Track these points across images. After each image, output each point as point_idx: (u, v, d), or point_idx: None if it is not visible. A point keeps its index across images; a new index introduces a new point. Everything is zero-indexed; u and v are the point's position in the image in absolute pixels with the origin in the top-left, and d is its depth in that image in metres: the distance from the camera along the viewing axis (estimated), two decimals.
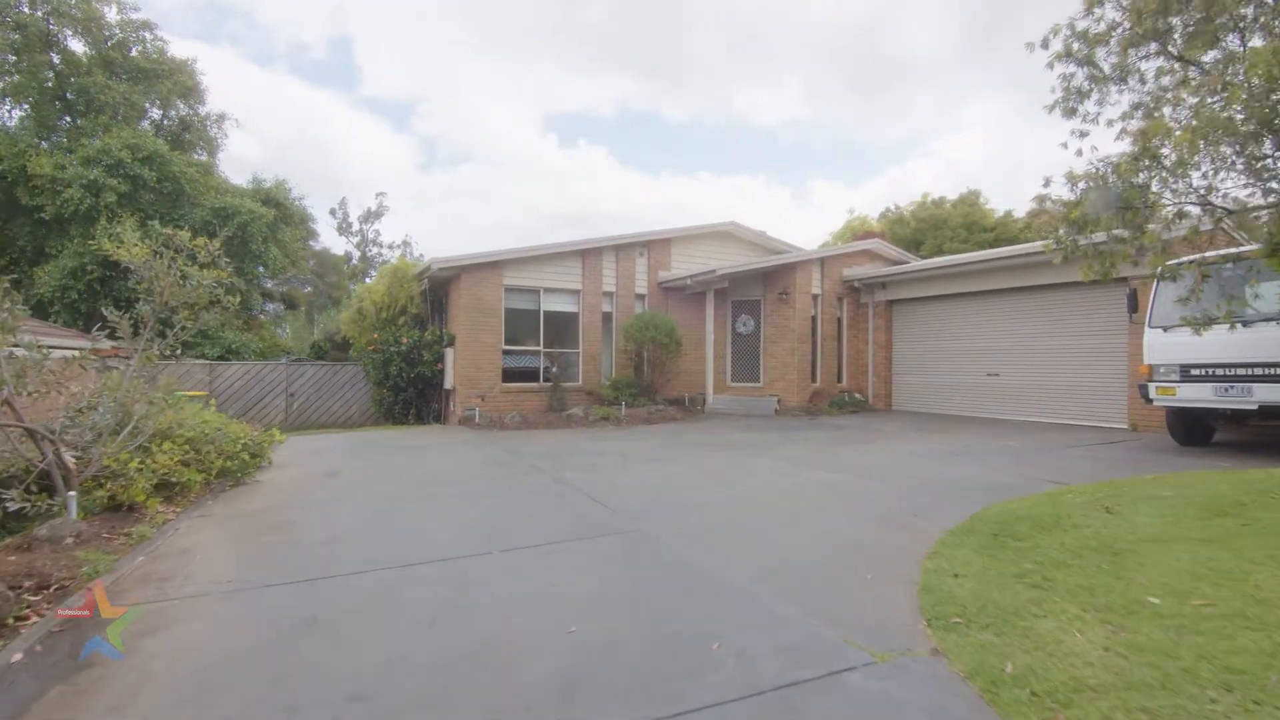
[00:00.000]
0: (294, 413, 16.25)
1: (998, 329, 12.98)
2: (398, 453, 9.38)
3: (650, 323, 13.39)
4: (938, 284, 13.91)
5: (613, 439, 10.37)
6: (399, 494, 6.47)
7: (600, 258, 14.57)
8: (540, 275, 13.95)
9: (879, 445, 9.33)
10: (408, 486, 6.82)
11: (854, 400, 14.94)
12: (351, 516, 5.60)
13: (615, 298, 14.78)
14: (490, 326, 13.33)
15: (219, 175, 20.73)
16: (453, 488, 6.77)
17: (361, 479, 7.35)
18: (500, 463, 8.24)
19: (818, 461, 7.95)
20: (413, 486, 6.82)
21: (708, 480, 6.96)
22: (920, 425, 11.81)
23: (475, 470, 7.74)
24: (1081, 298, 11.62)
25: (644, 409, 13.23)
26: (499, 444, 9.99)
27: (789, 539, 4.70)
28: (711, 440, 10.10)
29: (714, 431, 11.27)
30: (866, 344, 15.57)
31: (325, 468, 8.02)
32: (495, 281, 13.43)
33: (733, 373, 15.29)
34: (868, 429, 11.34)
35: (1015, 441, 9.56)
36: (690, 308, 15.49)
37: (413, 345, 13.69)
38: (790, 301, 14.44)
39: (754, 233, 16.48)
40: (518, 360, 14.12)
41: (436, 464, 8.28)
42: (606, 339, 14.83)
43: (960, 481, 6.58)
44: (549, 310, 14.13)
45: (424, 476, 7.44)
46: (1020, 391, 12.52)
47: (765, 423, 12.47)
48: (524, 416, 12.60)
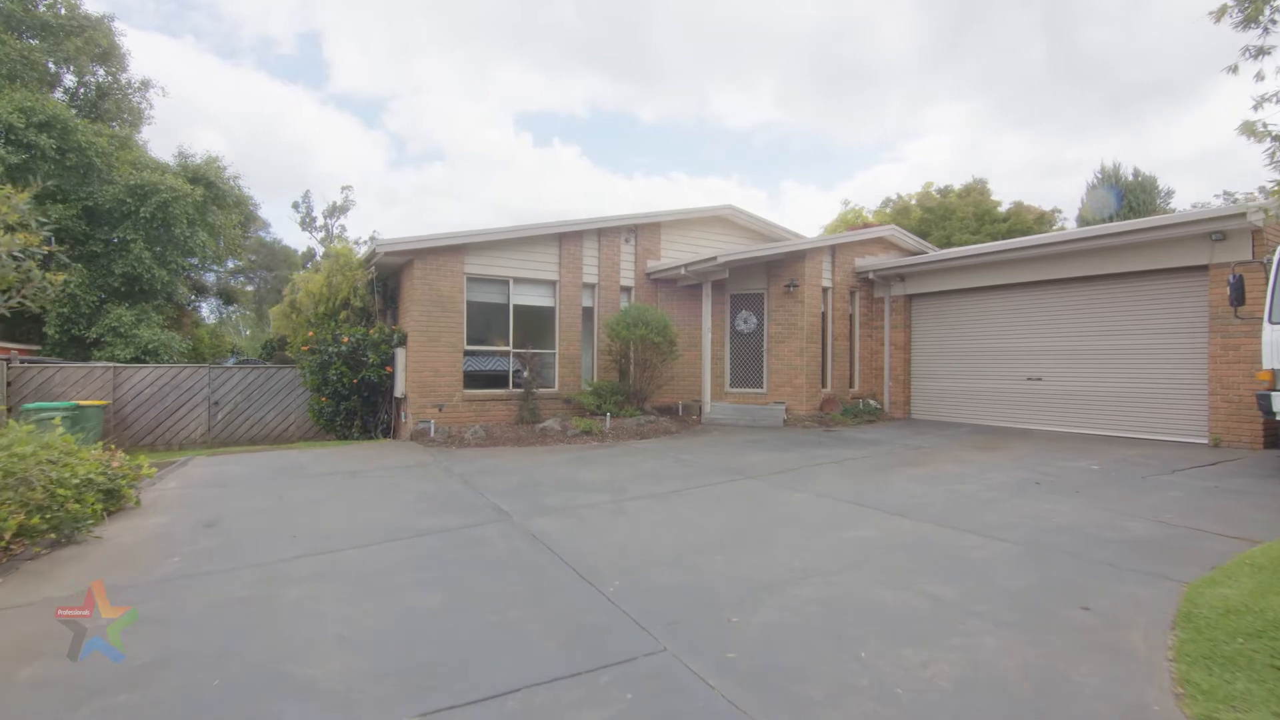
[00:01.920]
0: (218, 425, 13.87)
1: (1040, 327, 11.27)
2: (319, 484, 7.22)
3: (640, 318, 11.41)
4: (967, 275, 12.16)
5: (598, 462, 8.35)
6: (288, 567, 4.36)
7: (580, 243, 12.53)
8: (510, 263, 11.85)
9: (933, 470, 7.47)
10: (308, 550, 4.70)
11: (869, 409, 13.13)
12: (183, 634, 3.46)
13: (597, 290, 12.76)
14: (449, 323, 11.21)
15: (141, 149, 18.09)
16: (375, 554, 4.67)
17: (246, 534, 5.20)
18: (451, 503, 6.16)
19: (872, 498, 6.04)
20: (315, 551, 4.70)
21: (739, 536, 4.97)
22: (959, 439, 10.02)
23: (413, 519, 5.64)
24: (1148, 289, 9.94)
25: (632, 420, 11.23)
26: (455, 469, 7.89)
27: (914, 682, 2.74)
28: (721, 463, 8.14)
29: (720, 449, 9.31)
30: (882, 344, 13.78)
31: (208, 513, 5.84)
32: (455, 270, 11.30)
33: (732, 377, 13.37)
34: (902, 445, 9.50)
35: (1091, 463, 7.79)
36: (683, 302, 13.53)
37: (356, 345, 11.48)
38: (799, 295, 12.57)
39: (753, 218, 14.59)
40: (483, 363, 12.00)
41: (362, 508, 6.16)
42: (587, 338, 12.80)
43: (1086, 533, 4.73)
44: (520, 304, 12.04)
45: (339, 530, 5.32)
46: (1068, 399, 10.82)
47: (776, 437, 10.57)
48: (489, 431, 10.50)
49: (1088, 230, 9.97)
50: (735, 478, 7.16)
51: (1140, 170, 21.52)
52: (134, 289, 16.25)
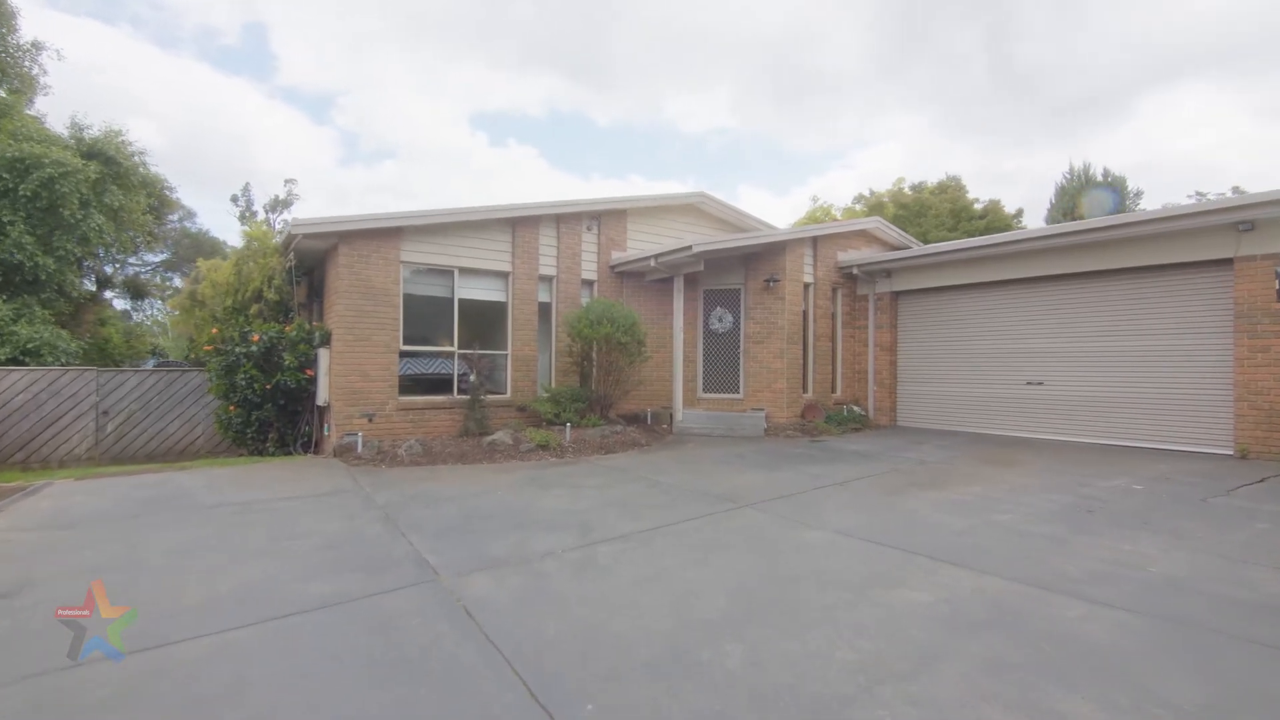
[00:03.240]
0: (108, 439, 11.85)
1: (1042, 327, 10.35)
2: (197, 524, 5.58)
3: (604, 315, 10.01)
4: (961, 271, 11.19)
5: (557, 485, 6.91)
6: (69, 686, 2.80)
7: (536, 231, 11.06)
8: (455, 251, 10.30)
9: (955, 494, 6.31)
10: (127, 646, 3.14)
11: (854, 416, 12.05)
12: None
13: (556, 284, 11.31)
14: (382, 319, 9.59)
15: (31, 120, 15.70)
16: (218, 657, 3.15)
17: (43, 620, 3.58)
18: (360, 553, 4.64)
19: (902, 535, 4.80)
20: (136, 647, 3.14)
21: (754, 604, 3.63)
22: (963, 452, 8.95)
23: (300, 581, 4.11)
24: (1164, 285, 9.08)
25: (595, 430, 9.82)
26: (379, 497, 6.34)
27: None
28: (705, 486, 6.82)
29: (700, 467, 8.00)
30: (866, 346, 12.73)
31: (10, 576, 4.18)
32: (390, 257, 9.69)
33: (706, 381, 12.10)
34: (903, 460, 8.36)
35: (1128, 481, 6.78)
36: (652, 298, 12.20)
37: (269, 344, 9.74)
38: (779, 291, 11.40)
39: (727, 208, 13.37)
40: (422, 365, 10.41)
41: (237, 564, 4.56)
42: (544, 338, 11.34)
43: (1210, 592, 3.59)
44: (467, 298, 10.51)
45: (188, 604, 3.76)
46: (1073, 405, 9.91)
47: (759, 450, 9.32)
48: (427, 445, 8.93)
49: (1100, 221, 9.06)
50: (726, 506, 5.83)
51: (1110, 170, 21.29)
52: (13, 279, 13.96)
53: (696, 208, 13.16)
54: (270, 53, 67.83)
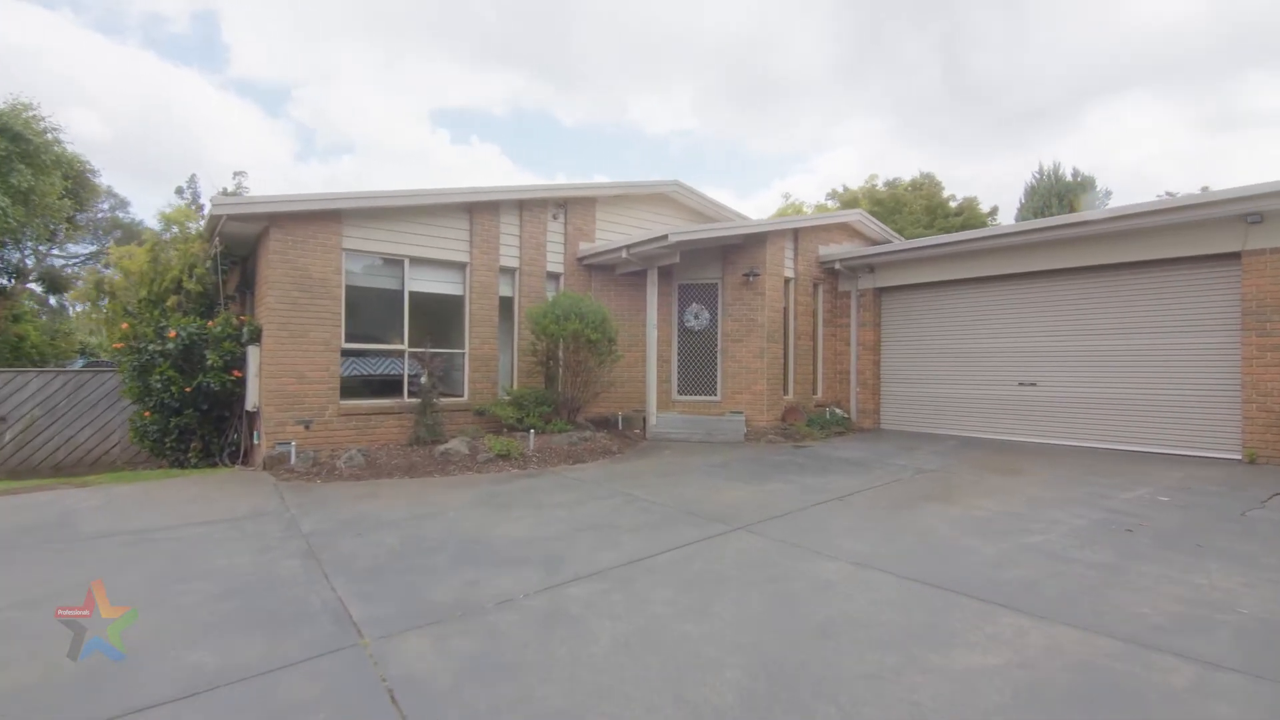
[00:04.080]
0: (7, 449, 10.43)
1: (1034, 325, 9.84)
2: (77, 559, 4.49)
3: (572, 310, 9.11)
4: (948, 266, 10.63)
5: (518, 504, 6.00)
6: None
7: (497, 218, 10.08)
8: (406, 237, 9.27)
9: (970, 510, 5.62)
10: None
11: (836, 419, 11.40)
12: None
13: (518, 276, 10.35)
14: (321, 313, 8.51)
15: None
16: None
17: None
18: (267, 601, 3.66)
19: (930, 564, 4.05)
20: None
21: (777, 675, 2.80)
22: (960, 458, 8.34)
23: (179, 646, 3.13)
24: (1165, 280, 8.62)
25: (562, 437, 8.91)
26: (305, 522, 5.32)
27: None
28: (690, 502, 5.99)
29: (680, 478, 7.17)
30: (848, 345, 12.10)
31: None
32: (330, 243, 8.62)
33: (681, 382, 11.29)
34: (900, 468, 7.69)
35: (1149, 491, 6.21)
36: (623, 293, 11.34)
37: (190, 341, 8.55)
38: (759, 286, 10.67)
39: (703, 198, 12.59)
40: (369, 365, 9.36)
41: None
42: (506, 335, 10.37)
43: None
44: (419, 291, 9.48)
45: (8, 687, 2.76)
46: (1067, 407, 9.41)
47: (742, 457, 8.54)
48: (371, 456, 7.90)
49: (1100, 213, 8.57)
50: (719, 529, 5.01)
51: (1080, 170, 21.29)
52: None
53: (669, 197, 12.35)
54: (222, 43, 65.02)
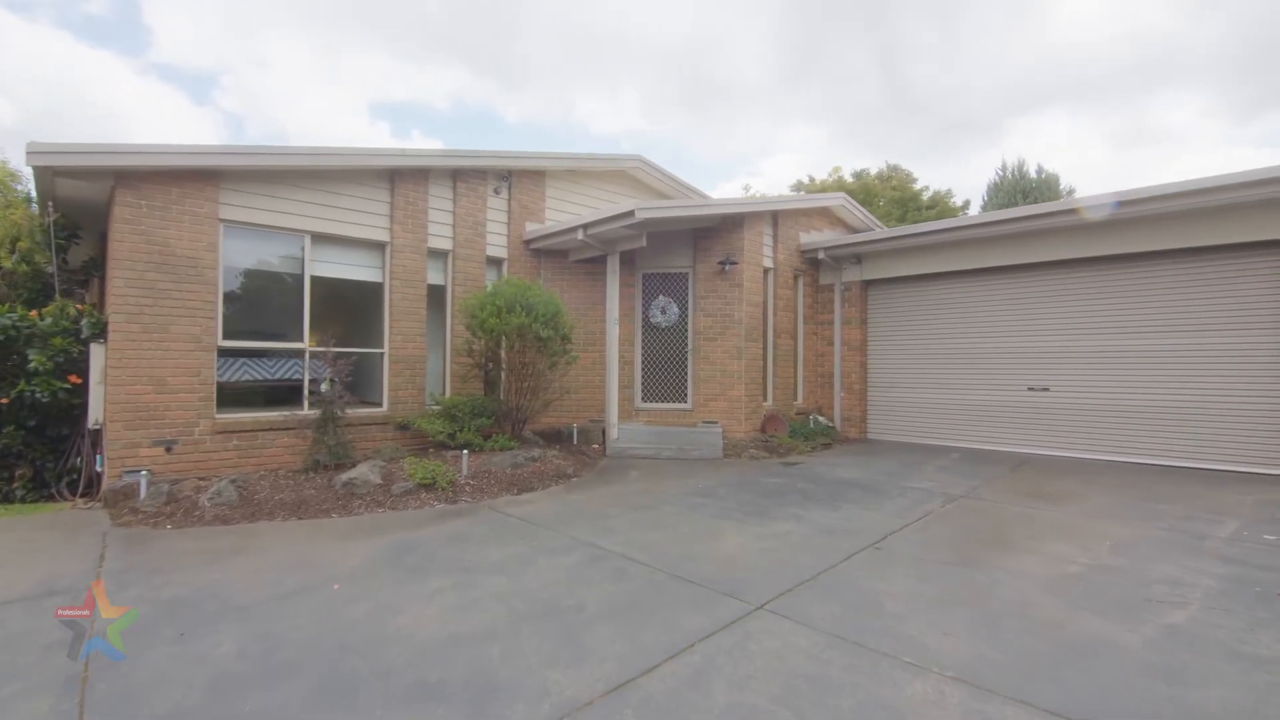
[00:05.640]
0: None
1: (1046, 322, 8.74)
2: None
3: (518, 300, 7.43)
4: (947, 255, 9.44)
5: (439, 569, 4.29)
6: None
7: (425, 188, 8.30)
8: (307, 208, 7.39)
9: (1048, 560, 4.27)
10: None
11: (821, 428, 10.07)
12: None
13: (452, 261, 8.59)
14: (191, 302, 6.57)
15: None
16: None
17: None
18: None
19: (1069, 685, 2.61)
20: None
21: None
22: (978, 476, 7.08)
23: None
24: (1196, 271, 7.60)
25: (505, 457, 7.20)
26: (103, 611, 3.47)
27: None
28: (679, 558, 4.42)
29: (658, 515, 5.60)
30: (831, 345, 10.81)
31: None
32: (203, 212, 6.68)
33: (646, 388, 9.73)
34: (918, 493, 6.34)
35: (1244, 524, 5.03)
36: (578, 283, 9.70)
37: (3, 337, 6.44)
38: (735, 276, 9.23)
39: (669, 178, 11.08)
40: (258, 369, 7.46)
41: None
42: (436, 331, 8.60)
43: None
44: (325, 276, 7.62)
45: None
46: (1086, 416, 8.33)
47: (726, 480, 7.05)
48: (247, 490, 6.02)
49: (1133, 192, 7.45)
50: (732, 609, 3.46)
51: (1044, 167, 20.87)
52: None
53: (630, 175, 10.78)
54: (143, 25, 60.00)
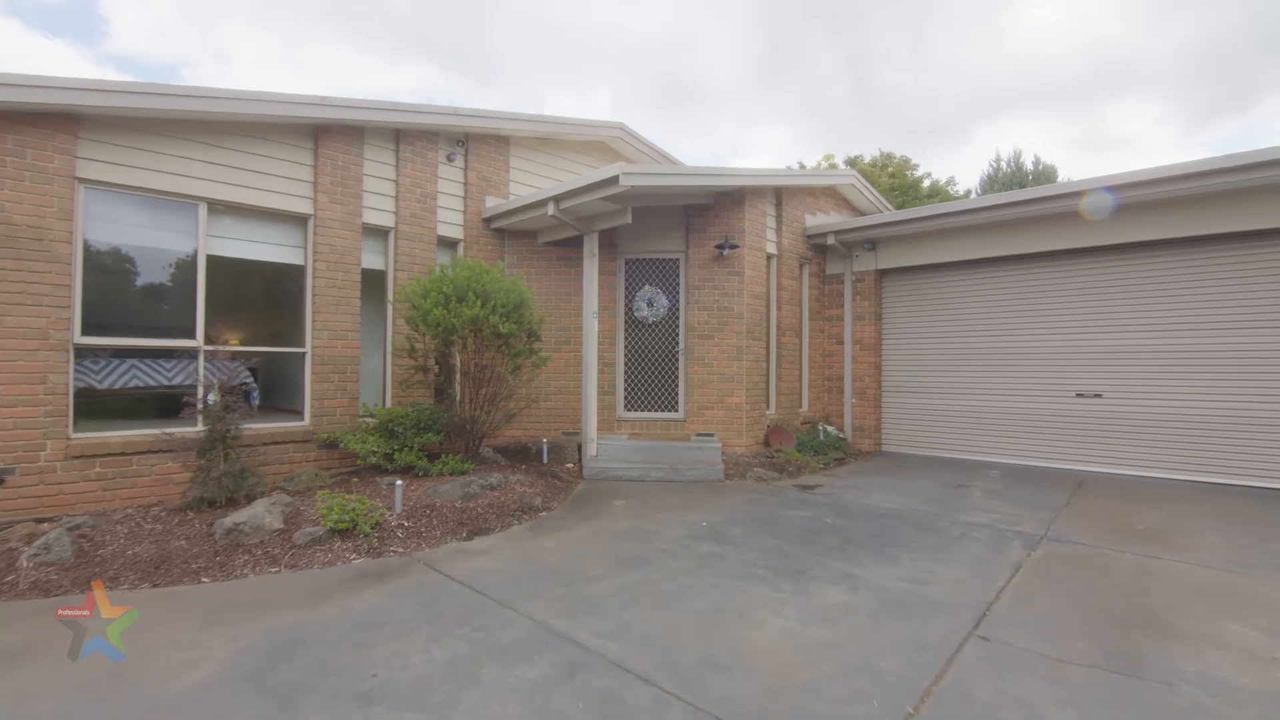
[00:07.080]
0: None
1: (1097, 317, 7.51)
2: None
3: (471, 286, 5.93)
4: (978, 239, 8.17)
5: (318, 705, 2.78)
6: None
7: (360, 149, 6.74)
8: (203, 169, 5.79)
9: (1226, 648, 2.92)
10: None
11: (832, 440, 8.73)
12: None
13: (394, 240, 7.04)
14: (34, 286, 4.95)
15: None
16: None
17: None
18: None
19: None
20: None
21: None
22: (1044, 503, 5.77)
23: None
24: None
25: (455, 484, 5.68)
26: None
27: None
28: (695, 671, 2.98)
29: (653, 572, 4.14)
30: (840, 343, 9.48)
31: None
32: (52, 168, 5.06)
33: (629, 394, 8.28)
34: (987, 532, 4.99)
35: None
36: (548, 269, 8.21)
37: None
38: (735, 263, 7.85)
39: (652, 150, 9.65)
40: (138, 373, 5.84)
41: None
42: (374, 326, 7.05)
43: None
44: (225, 256, 6.02)
45: None
46: (1148, 427, 7.11)
47: (735, 514, 5.64)
48: (93, 541, 4.42)
49: (1212, 162, 6.21)
50: None
51: (1040, 159, 19.94)
52: None
53: (609, 146, 9.32)
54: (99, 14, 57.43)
